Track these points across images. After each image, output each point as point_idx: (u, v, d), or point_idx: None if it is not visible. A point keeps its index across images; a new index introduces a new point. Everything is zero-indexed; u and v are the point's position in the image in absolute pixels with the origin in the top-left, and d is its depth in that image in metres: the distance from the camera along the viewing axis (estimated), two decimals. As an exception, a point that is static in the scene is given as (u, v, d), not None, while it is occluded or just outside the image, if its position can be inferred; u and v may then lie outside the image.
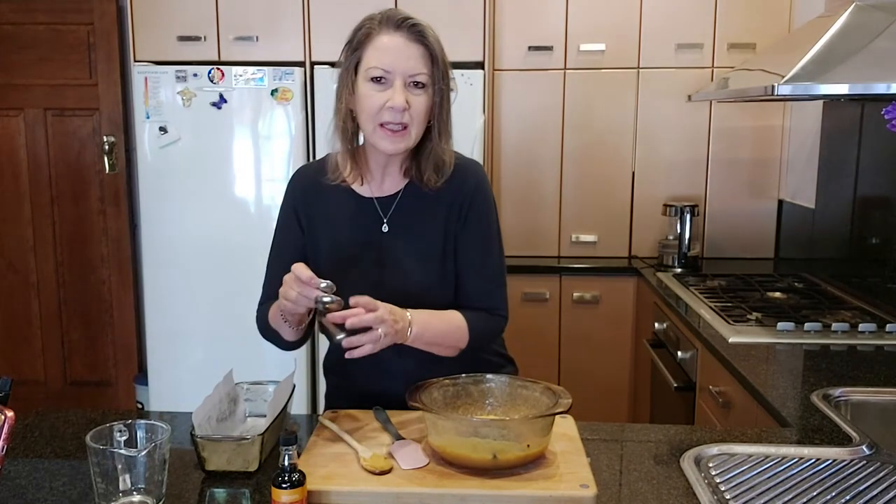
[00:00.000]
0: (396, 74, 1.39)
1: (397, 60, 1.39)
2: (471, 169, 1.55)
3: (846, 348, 1.99)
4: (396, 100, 1.39)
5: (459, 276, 1.53)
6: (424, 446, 1.29)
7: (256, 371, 1.64)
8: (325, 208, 1.55)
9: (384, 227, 1.53)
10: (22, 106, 3.74)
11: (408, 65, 1.39)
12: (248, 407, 1.46)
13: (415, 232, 1.52)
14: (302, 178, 1.61)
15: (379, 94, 1.40)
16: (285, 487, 1.10)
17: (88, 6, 3.59)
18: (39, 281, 3.85)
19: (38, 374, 3.92)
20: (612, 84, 3.34)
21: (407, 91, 1.40)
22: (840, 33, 2.04)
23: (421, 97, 1.41)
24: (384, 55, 1.39)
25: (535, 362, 3.10)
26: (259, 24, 3.14)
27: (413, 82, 1.41)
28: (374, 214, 1.53)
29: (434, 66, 1.41)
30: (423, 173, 1.49)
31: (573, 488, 1.16)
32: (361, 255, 1.53)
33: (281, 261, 1.57)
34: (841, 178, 2.75)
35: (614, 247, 3.43)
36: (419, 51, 1.40)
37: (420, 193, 1.52)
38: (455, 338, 1.48)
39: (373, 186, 1.55)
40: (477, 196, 1.52)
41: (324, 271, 1.52)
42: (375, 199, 1.54)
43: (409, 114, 1.41)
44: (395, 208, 1.53)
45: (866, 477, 1.25)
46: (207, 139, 3.11)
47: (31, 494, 1.20)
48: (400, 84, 1.40)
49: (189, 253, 3.16)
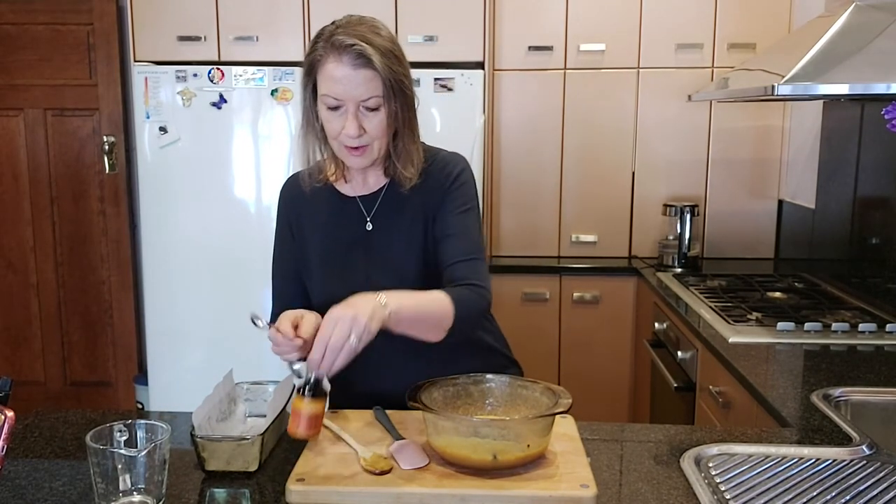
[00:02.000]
0: (348, 102, 1.40)
1: (347, 89, 1.39)
2: (453, 160, 1.56)
3: (846, 348, 1.99)
4: (349, 129, 1.41)
5: (438, 248, 1.51)
6: (424, 446, 1.29)
7: (256, 371, 1.64)
8: (311, 213, 1.57)
9: (368, 225, 1.54)
10: (22, 106, 3.74)
11: (357, 92, 1.39)
12: (248, 407, 1.46)
13: (399, 227, 1.53)
14: (289, 186, 1.63)
15: (336, 120, 1.42)
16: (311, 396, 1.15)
17: (88, 6, 3.59)
18: (39, 281, 3.85)
19: (38, 375, 3.92)
20: (612, 84, 3.34)
21: (360, 115, 1.41)
22: (840, 33, 2.04)
23: (376, 118, 1.42)
24: (334, 85, 1.39)
25: (534, 362, 3.09)
26: (259, 24, 3.14)
27: (365, 107, 1.41)
28: (357, 213, 1.55)
29: (385, 86, 1.40)
30: (399, 170, 1.50)
31: (573, 488, 1.16)
32: (349, 254, 1.54)
33: (282, 274, 1.61)
34: (841, 178, 2.75)
35: (614, 247, 3.43)
36: (367, 75, 1.38)
37: (400, 190, 1.53)
38: (438, 313, 1.37)
39: (355, 185, 1.57)
40: (457, 179, 1.53)
41: (315, 275, 1.55)
42: (358, 198, 1.56)
43: (367, 135, 1.43)
44: (379, 205, 1.55)
45: (866, 477, 1.25)
46: (207, 139, 3.11)
47: (31, 495, 1.20)
48: (353, 110, 1.40)
49: (189, 253, 3.16)
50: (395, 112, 1.43)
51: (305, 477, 1.20)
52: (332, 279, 1.53)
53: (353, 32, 1.38)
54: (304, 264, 1.58)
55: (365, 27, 1.41)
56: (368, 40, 1.38)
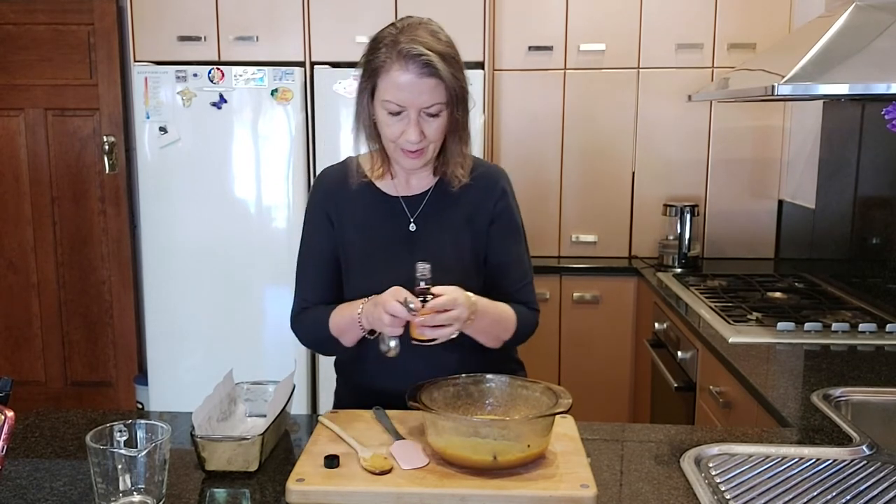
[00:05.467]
0: (411, 109, 1.41)
1: (411, 96, 1.40)
2: (497, 172, 1.62)
3: (846, 348, 1.99)
4: (411, 135, 1.42)
5: (495, 272, 1.58)
6: (424, 446, 1.29)
7: (256, 371, 1.64)
8: (352, 208, 1.57)
9: (411, 226, 1.55)
10: (22, 106, 3.74)
11: (421, 99, 1.40)
12: (248, 407, 1.46)
13: (443, 230, 1.55)
14: (328, 178, 1.62)
15: (396, 125, 1.43)
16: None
17: (88, 6, 3.59)
18: (40, 281, 3.85)
19: (38, 375, 3.92)
20: (612, 84, 3.34)
21: (421, 120, 1.42)
22: (840, 33, 2.04)
23: (435, 122, 1.44)
24: (398, 91, 1.40)
25: (535, 362, 3.09)
26: (259, 24, 3.14)
27: (427, 113, 1.42)
28: (401, 214, 1.56)
29: (448, 93, 1.42)
30: (450, 171, 1.52)
31: (573, 488, 1.16)
32: (390, 253, 1.54)
33: (315, 265, 1.60)
34: (841, 178, 2.75)
35: (614, 247, 3.43)
36: (431, 83, 1.40)
37: (447, 192, 1.54)
38: (503, 327, 1.52)
39: (398, 185, 1.57)
40: (505, 194, 1.59)
41: (355, 271, 1.56)
42: (402, 198, 1.56)
43: (426, 139, 1.45)
44: (424, 206, 1.56)
45: (866, 477, 1.25)
46: (207, 139, 3.11)
47: (31, 495, 1.20)
48: (414, 117, 1.42)
49: (189, 253, 3.16)
50: (453, 118, 1.45)
51: (305, 477, 1.20)
52: (372, 276, 1.52)
53: (418, 39, 1.39)
54: (342, 255, 1.58)
55: (425, 31, 1.42)
56: (432, 47, 1.39)
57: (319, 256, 1.59)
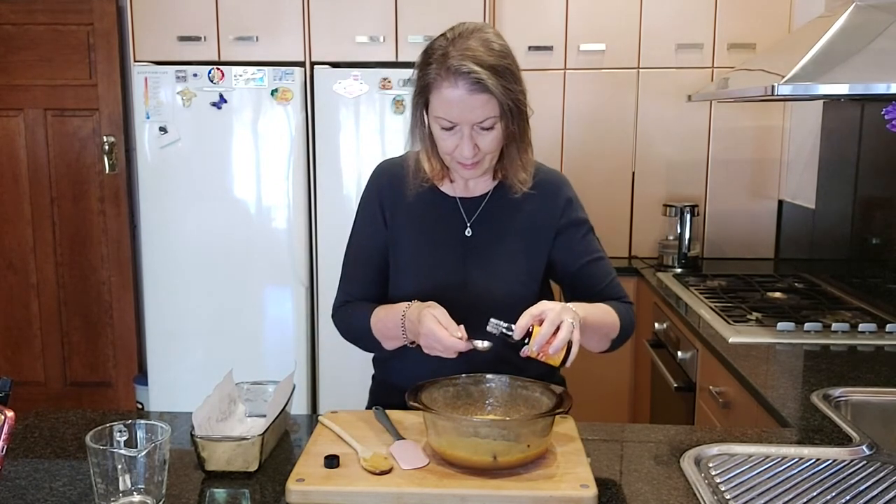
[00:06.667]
0: (463, 124, 1.39)
1: (462, 113, 1.38)
2: (561, 179, 1.63)
3: (846, 348, 1.99)
4: (465, 151, 1.41)
5: (580, 276, 1.55)
6: (424, 446, 1.29)
7: (256, 371, 1.64)
8: (407, 205, 1.54)
9: (468, 230, 1.53)
10: (22, 106, 3.74)
11: (472, 115, 1.38)
12: (248, 407, 1.46)
13: (500, 235, 1.53)
14: (386, 171, 1.59)
15: (450, 139, 1.42)
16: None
17: (88, 6, 3.59)
18: (39, 281, 3.85)
19: (38, 375, 3.92)
20: (612, 84, 3.34)
21: (475, 133, 1.41)
22: (840, 33, 2.04)
23: (490, 135, 1.42)
24: (449, 108, 1.38)
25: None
26: (259, 24, 3.14)
27: (480, 127, 1.40)
28: (457, 216, 1.54)
29: (500, 107, 1.39)
30: (511, 175, 1.51)
31: (573, 488, 1.16)
32: (445, 255, 1.52)
33: (364, 258, 1.57)
34: (841, 178, 2.75)
35: (614, 247, 3.42)
36: (483, 99, 1.37)
37: (507, 198, 1.53)
38: (609, 325, 1.48)
39: (457, 186, 1.55)
40: (571, 206, 1.59)
41: (404, 272, 1.53)
42: (459, 200, 1.55)
43: (480, 152, 1.43)
44: (482, 211, 1.54)
45: (866, 477, 1.25)
46: (207, 139, 3.11)
47: (31, 495, 1.19)
48: (468, 132, 1.40)
49: (189, 253, 3.16)
50: (509, 128, 1.43)
51: (305, 477, 1.20)
52: (425, 277, 1.51)
53: (467, 53, 1.36)
54: (393, 253, 1.55)
55: (476, 41, 1.38)
56: (482, 61, 1.35)
57: (368, 252, 1.57)
